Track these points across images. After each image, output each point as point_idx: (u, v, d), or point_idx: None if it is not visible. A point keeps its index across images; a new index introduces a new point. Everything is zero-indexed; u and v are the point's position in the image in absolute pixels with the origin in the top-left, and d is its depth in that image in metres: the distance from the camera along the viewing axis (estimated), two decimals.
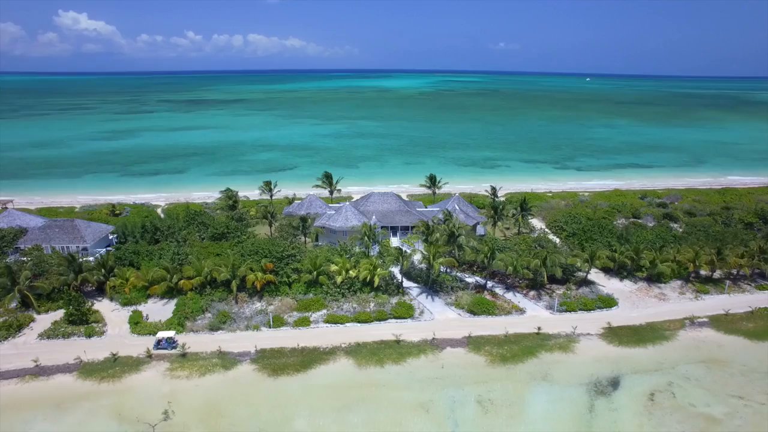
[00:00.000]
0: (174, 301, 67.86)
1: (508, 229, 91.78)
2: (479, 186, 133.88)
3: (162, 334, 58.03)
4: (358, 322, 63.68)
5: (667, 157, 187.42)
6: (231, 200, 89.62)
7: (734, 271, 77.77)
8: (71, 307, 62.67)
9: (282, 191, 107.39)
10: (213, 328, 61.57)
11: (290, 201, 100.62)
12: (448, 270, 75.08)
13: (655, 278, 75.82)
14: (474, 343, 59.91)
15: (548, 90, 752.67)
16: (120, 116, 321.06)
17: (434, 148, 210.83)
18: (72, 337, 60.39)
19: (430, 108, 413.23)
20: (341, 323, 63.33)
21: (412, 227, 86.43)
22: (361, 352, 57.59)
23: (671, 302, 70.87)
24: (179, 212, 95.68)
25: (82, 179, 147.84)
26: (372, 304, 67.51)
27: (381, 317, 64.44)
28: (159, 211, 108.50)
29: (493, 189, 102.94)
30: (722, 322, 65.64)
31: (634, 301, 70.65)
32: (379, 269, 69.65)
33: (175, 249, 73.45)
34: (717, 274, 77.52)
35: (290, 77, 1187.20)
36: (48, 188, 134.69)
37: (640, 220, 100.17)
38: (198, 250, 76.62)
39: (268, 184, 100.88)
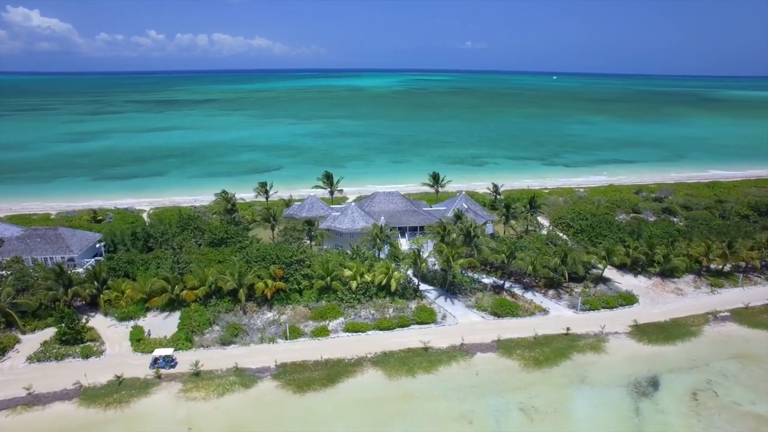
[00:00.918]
0: (176, 314, 62.77)
1: (513, 227, 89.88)
2: (471, 184, 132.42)
3: (159, 352, 53.01)
4: (380, 329, 60.26)
5: (648, 153, 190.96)
6: (229, 203, 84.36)
7: (742, 264, 78.09)
8: (64, 324, 56.81)
9: (278, 192, 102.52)
10: (224, 342, 56.92)
11: (287, 203, 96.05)
12: (463, 271, 72.44)
13: (668, 273, 75.34)
14: (504, 346, 57.47)
15: (518, 88, 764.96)
16: (85, 117, 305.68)
17: (418, 146, 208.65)
18: (66, 358, 54.63)
19: (405, 106, 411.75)
20: (362, 331, 59.75)
21: (421, 228, 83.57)
22: (389, 362, 54.24)
23: (689, 297, 70.37)
24: (170, 217, 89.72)
25: (53, 184, 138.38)
26: (391, 310, 64.19)
27: (403, 323, 61.22)
28: (145, 216, 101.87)
29: (495, 187, 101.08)
30: (744, 316, 65.41)
31: (653, 297, 69.78)
32: (395, 273, 66.40)
33: (174, 257, 68.11)
34: (727, 267, 77.65)
35: (258, 77, 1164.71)
36: (15, 194, 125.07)
37: (640, 215, 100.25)
38: (197, 258, 71.45)
39: (263, 185, 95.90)
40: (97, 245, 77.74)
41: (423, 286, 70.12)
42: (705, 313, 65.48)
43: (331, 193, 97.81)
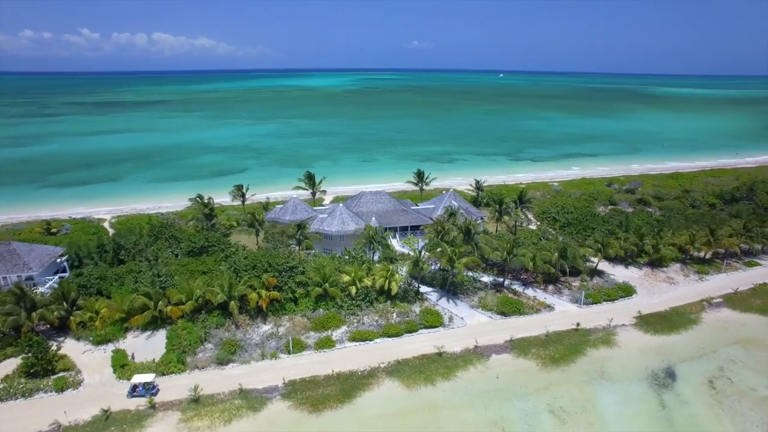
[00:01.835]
0: (161, 333, 56.79)
1: (506, 223, 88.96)
2: (443, 182, 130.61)
3: (138, 379, 47.27)
4: (388, 336, 57.05)
5: (606, 146, 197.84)
6: (207, 208, 78.00)
7: (721, 251, 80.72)
8: (30, 354, 49.67)
9: (255, 195, 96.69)
10: (222, 361, 51.79)
11: (265, 206, 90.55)
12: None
13: (657, 263, 76.63)
14: (517, 346, 55.82)
15: (468, 85, 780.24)
16: (18, 120, 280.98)
17: (383, 144, 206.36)
18: (37, 394, 47.66)
19: (361, 105, 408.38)
20: (369, 340, 56.29)
21: (413, 227, 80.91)
22: (405, 371, 51.17)
23: (681, 286, 71.71)
24: (139, 226, 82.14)
25: None
26: (394, 315, 61.08)
27: (411, 329, 58.27)
28: (106, 225, 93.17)
29: (478, 183, 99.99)
30: (734, 301, 67.25)
31: (648, 288, 70.55)
32: (396, 275, 63.36)
33: (154, 270, 61.79)
34: (707, 254, 79.96)
35: (205, 78, 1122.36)
36: None
37: (618, 207, 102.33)
38: (177, 269, 65.30)
39: (239, 188, 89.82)
40: (59, 260, 69.65)
41: (422, 288, 67.49)
42: (700, 301, 66.77)
43: (313, 194, 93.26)
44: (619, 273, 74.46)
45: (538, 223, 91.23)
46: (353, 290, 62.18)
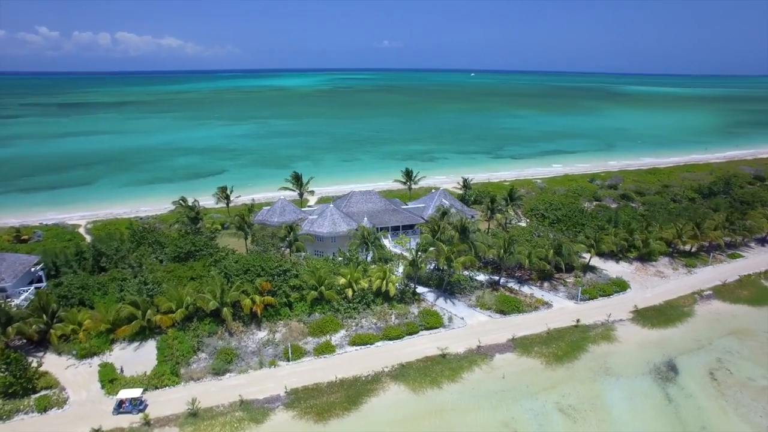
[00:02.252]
0: (149, 344, 53.90)
1: (499, 221, 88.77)
2: (426, 181, 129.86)
3: (125, 394, 44.45)
4: (389, 339, 55.67)
5: (582, 143, 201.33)
6: (193, 211, 74.74)
7: (705, 243, 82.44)
8: (8, 373, 46.21)
9: (241, 197, 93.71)
10: (218, 371, 49.40)
11: (250, 208, 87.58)
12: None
13: (646, 257, 77.66)
14: (520, 345, 55.34)
15: (440, 84, 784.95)
16: None
17: (362, 144, 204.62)
18: (17, 416, 44.27)
19: (335, 105, 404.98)
20: (370, 343, 54.80)
21: (404, 227, 79.70)
22: (410, 375, 49.94)
23: (672, 279, 72.77)
24: (118, 231, 78.24)
25: None
26: (393, 317, 59.76)
27: (412, 330, 57.06)
28: (82, 231, 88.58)
29: (465, 181, 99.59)
30: (723, 293, 68.65)
31: (641, 282, 71.31)
32: (393, 276, 62.04)
33: (140, 277, 58.66)
34: (693, 247, 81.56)
35: (174, 78, 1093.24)
36: None
37: (603, 203, 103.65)
38: (163, 276, 62.27)
39: (224, 190, 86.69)
40: (33, 270, 65.49)
41: (419, 289, 66.26)
42: (691, 293, 67.87)
43: (301, 195, 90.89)
44: (611, 268, 75.11)
45: (528, 220, 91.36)
46: (350, 293, 60.56)
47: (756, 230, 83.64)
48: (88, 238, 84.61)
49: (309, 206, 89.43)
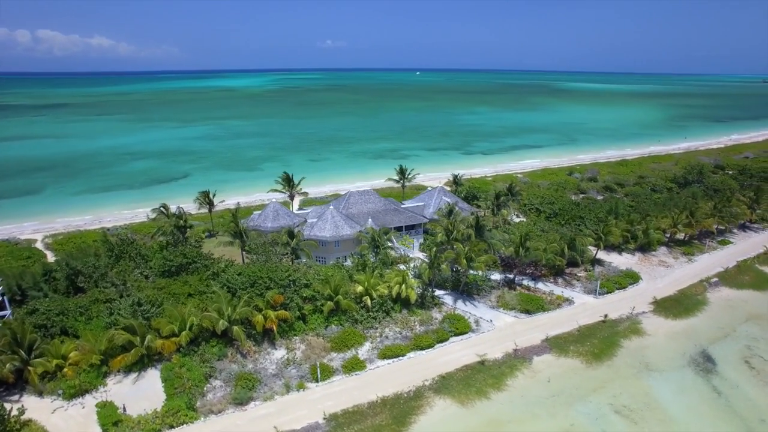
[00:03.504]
0: (150, 374, 47.11)
1: (504, 216, 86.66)
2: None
3: None
4: (420, 348, 51.75)
5: (545, 138, 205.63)
6: (181, 220, 66.95)
7: (696, 232, 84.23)
8: None
9: (225, 202, 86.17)
10: (241, 400, 43.51)
11: (234, 213, 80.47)
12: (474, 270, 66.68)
13: (646, 247, 78.19)
14: (555, 345, 53.19)
15: (388, 83, 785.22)
16: None
17: (327, 143, 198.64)
18: None
19: (287, 105, 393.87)
20: (401, 355, 50.64)
21: (407, 227, 75.82)
22: (452, 386, 46.32)
23: (676, 268, 73.47)
24: (87, 244, 69.12)
25: None
26: (417, 324, 55.86)
27: (442, 338, 53.37)
28: (40, 247, 78.05)
29: (456, 177, 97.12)
30: (727, 279, 69.96)
31: (649, 273, 71.42)
32: (412, 281, 58.15)
33: (133, 297, 51.19)
34: (686, 236, 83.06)
35: (109, 79, 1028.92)
36: None
37: (589, 195, 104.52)
38: (154, 294, 54.92)
39: (206, 195, 78.88)
40: None
41: (435, 292, 62.78)
42: (699, 282, 68.62)
43: (291, 197, 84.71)
44: (615, 260, 74.90)
45: (522, 216, 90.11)
46: (368, 301, 56.04)
47: (741, 216, 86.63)
48: (50, 255, 74.71)
49: (301, 209, 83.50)
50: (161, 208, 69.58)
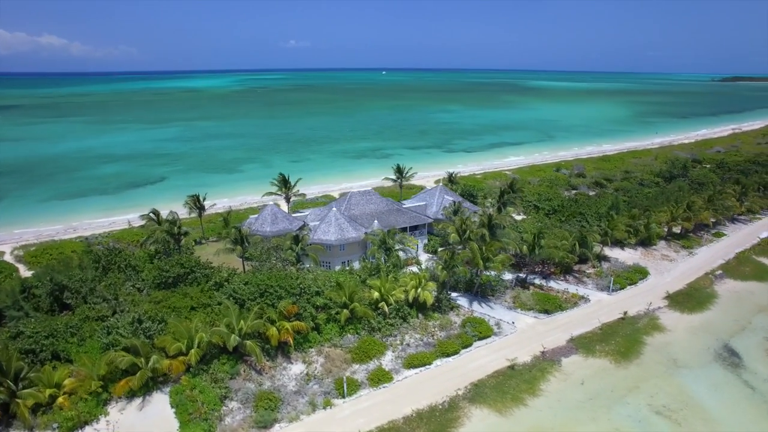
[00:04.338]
0: (156, 398, 42.83)
1: (510, 214, 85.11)
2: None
3: None
4: (446, 355, 49.27)
5: (524, 135, 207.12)
6: (175, 226, 61.95)
7: (693, 225, 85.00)
8: None
9: (216, 206, 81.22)
10: (265, 423, 39.86)
11: (225, 217, 75.96)
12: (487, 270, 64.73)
13: (646, 242, 78.30)
14: (581, 345, 51.81)
15: (355, 83, 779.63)
16: None
17: (305, 143, 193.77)
18: None
19: (257, 105, 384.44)
20: (428, 364, 47.99)
21: (411, 227, 73.20)
22: (486, 394, 44.06)
23: (679, 262, 73.70)
24: (68, 256, 63.21)
25: None
26: (437, 329, 53.37)
27: (467, 343, 51.04)
28: (9, 260, 71.20)
29: (451, 175, 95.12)
30: (730, 271, 70.67)
31: (655, 267, 71.30)
32: (430, 283, 55.59)
33: (133, 313, 46.49)
34: (682, 229, 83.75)
35: (63, 80, 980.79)
36: None
37: (580, 191, 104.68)
38: (151, 308, 50.34)
39: (195, 198, 73.76)
40: None
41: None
42: (704, 275, 68.90)
43: (288, 199, 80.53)
44: (619, 255, 74.57)
45: (524, 214, 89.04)
46: (385, 307, 53.13)
47: (733, 209, 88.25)
48: (23, 269, 68.23)
49: (296, 212, 79.53)
50: (151, 214, 64.33)
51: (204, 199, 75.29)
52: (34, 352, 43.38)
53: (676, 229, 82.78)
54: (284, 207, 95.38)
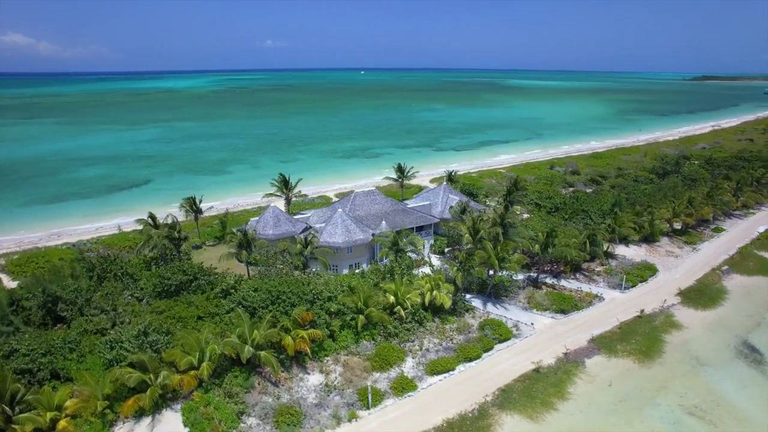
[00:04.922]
0: (167, 417, 39.98)
1: (516, 212, 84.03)
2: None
3: None
4: (469, 360, 47.61)
5: (512, 133, 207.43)
6: (175, 231, 58.67)
7: (694, 221, 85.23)
8: None
9: (213, 208, 77.80)
10: None
11: (222, 219, 72.78)
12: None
13: (650, 238, 78.19)
14: (602, 345, 50.88)
15: (334, 82, 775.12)
16: None
17: (292, 143, 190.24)
18: None
19: (237, 106, 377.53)
20: (451, 369, 46.21)
21: (418, 228, 71.36)
22: (515, 400, 42.54)
23: (685, 258, 73.70)
24: (60, 264, 59.26)
25: None
26: (455, 333, 51.67)
27: (488, 346, 49.46)
28: None
29: (450, 174, 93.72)
30: (735, 266, 70.97)
31: (661, 263, 71.10)
32: (447, 285, 53.86)
33: (138, 326, 43.39)
34: (682, 225, 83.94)
35: (31, 80, 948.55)
36: None
37: (578, 188, 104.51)
38: (155, 320, 47.27)
39: (191, 201, 70.41)
40: None
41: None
42: (711, 270, 68.92)
43: (288, 200, 77.75)
44: (624, 252, 74.15)
45: (527, 212, 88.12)
46: (402, 311, 51.17)
47: (731, 204, 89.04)
48: (7, 279, 63.92)
49: (300, 213, 76.81)
50: (148, 219, 60.84)
51: (200, 202, 71.95)
52: (31, 371, 39.95)
53: (677, 225, 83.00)
54: (282, 208, 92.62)
